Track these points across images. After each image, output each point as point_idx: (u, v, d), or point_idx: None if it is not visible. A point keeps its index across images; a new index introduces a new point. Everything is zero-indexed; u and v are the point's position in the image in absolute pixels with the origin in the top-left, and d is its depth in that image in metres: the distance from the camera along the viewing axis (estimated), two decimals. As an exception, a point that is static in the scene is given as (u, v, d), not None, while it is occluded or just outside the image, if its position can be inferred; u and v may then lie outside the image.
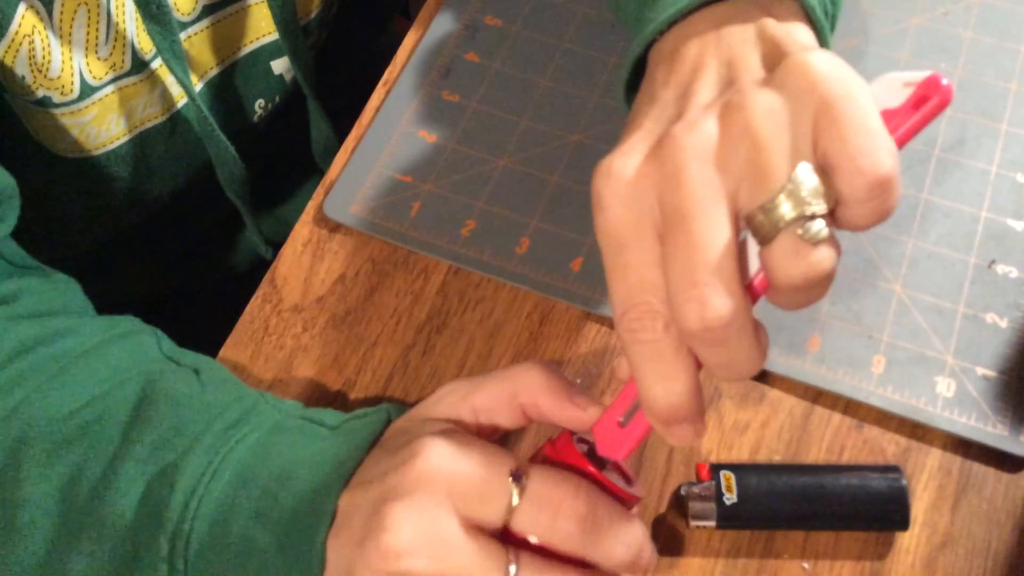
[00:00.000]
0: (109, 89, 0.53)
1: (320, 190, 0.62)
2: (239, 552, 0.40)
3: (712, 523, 0.50)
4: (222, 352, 0.57)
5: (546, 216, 0.59)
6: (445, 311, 0.58)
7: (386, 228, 0.59)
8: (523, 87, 0.64)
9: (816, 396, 0.54)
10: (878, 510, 0.50)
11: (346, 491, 0.40)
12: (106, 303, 0.74)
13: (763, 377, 0.55)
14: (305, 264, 0.60)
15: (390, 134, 0.63)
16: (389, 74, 0.66)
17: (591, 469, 0.40)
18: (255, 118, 0.61)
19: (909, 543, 0.51)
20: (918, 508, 0.51)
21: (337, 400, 0.56)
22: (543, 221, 0.59)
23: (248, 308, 0.59)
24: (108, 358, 0.47)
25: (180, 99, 0.57)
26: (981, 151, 0.60)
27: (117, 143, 0.56)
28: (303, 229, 0.61)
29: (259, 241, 0.68)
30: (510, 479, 0.38)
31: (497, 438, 0.44)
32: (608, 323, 0.57)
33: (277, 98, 0.61)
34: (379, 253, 0.60)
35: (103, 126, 0.54)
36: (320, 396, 0.56)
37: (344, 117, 0.77)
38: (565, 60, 0.65)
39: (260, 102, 0.60)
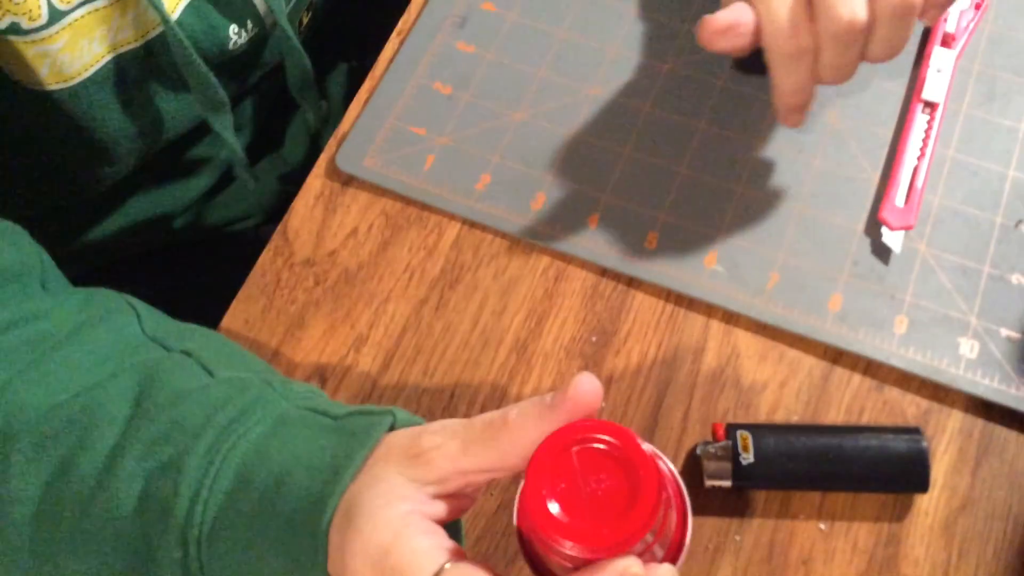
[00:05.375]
0: (80, 12, 0.51)
1: (333, 142, 0.61)
2: (242, 560, 0.40)
3: (728, 483, 0.49)
4: (233, 305, 0.57)
5: (562, 171, 0.58)
6: (459, 266, 0.57)
7: (399, 181, 0.58)
8: (540, 38, 0.62)
9: (836, 356, 0.53)
10: (898, 472, 0.49)
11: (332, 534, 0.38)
12: (117, 257, 0.73)
13: (782, 336, 0.54)
14: (317, 217, 0.59)
15: (404, 86, 0.61)
16: (403, 24, 0.64)
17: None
18: (231, 45, 0.59)
19: (928, 505, 0.50)
20: (938, 470, 0.51)
21: (349, 356, 0.55)
22: (559, 176, 0.58)
23: (260, 261, 0.58)
24: (90, 345, 0.45)
25: (156, 24, 0.56)
26: (1010, 108, 0.58)
27: (95, 68, 0.53)
28: (315, 182, 0.60)
29: (247, 176, 0.66)
30: None
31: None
32: (624, 280, 0.56)
33: (250, 24, 0.60)
34: (392, 207, 0.59)
35: (76, 52, 0.52)
36: (332, 352, 0.55)
37: (356, 67, 0.76)
38: (584, 10, 0.63)
39: (234, 27, 0.58)
